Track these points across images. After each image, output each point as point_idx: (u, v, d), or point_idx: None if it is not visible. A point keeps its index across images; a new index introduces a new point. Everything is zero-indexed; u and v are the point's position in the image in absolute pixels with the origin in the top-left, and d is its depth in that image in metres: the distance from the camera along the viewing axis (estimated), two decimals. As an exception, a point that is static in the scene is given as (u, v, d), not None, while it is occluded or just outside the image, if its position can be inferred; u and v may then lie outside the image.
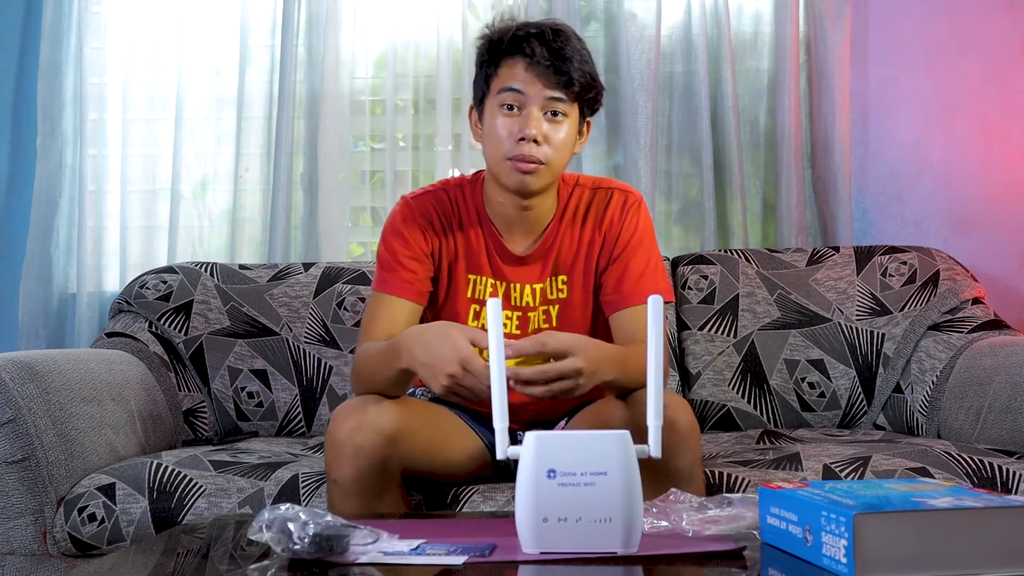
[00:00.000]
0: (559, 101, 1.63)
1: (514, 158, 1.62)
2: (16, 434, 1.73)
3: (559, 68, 1.61)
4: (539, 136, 1.62)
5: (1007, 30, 2.73)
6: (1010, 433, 1.89)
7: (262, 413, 2.33)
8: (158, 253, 2.71)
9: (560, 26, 1.66)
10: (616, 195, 1.76)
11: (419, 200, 1.75)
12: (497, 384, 1.17)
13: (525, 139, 1.61)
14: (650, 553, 1.11)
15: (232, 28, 2.73)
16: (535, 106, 1.62)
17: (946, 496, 1.07)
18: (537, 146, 1.62)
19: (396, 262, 1.70)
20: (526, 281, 1.74)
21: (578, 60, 1.63)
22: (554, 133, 1.63)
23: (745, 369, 2.33)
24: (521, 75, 1.62)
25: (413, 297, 1.70)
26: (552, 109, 1.63)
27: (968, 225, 2.72)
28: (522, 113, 1.62)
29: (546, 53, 1.61)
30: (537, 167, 1.63)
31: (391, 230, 1.74)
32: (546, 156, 1.63)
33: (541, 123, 1.62)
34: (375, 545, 1.14)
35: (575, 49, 1.64)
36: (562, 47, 1.62)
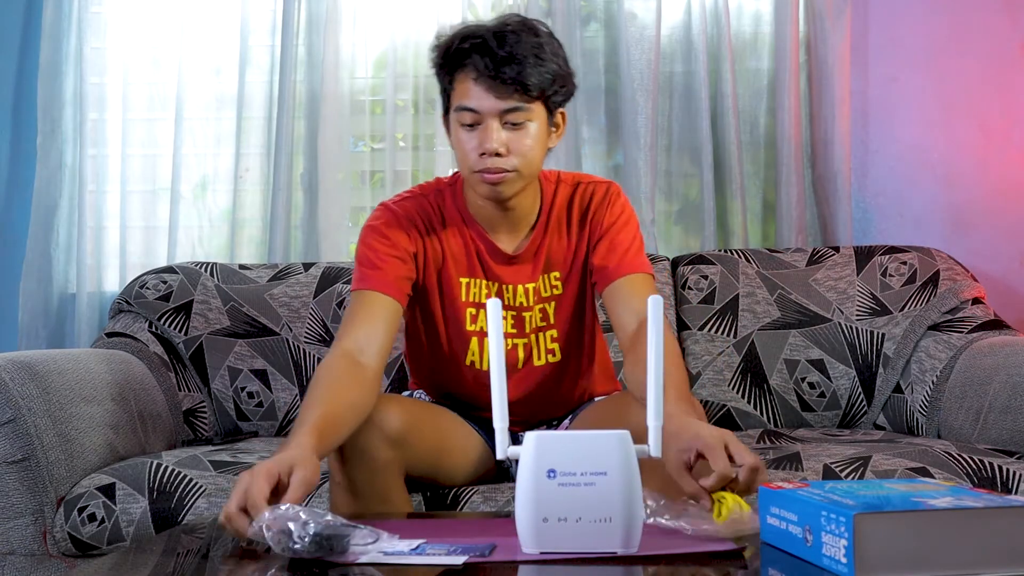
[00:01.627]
0: (516, 110, 1.56)
1: (479, 171, 1.59)
2: (16, 434, 1.73)
3: (509, 77, 1.54)
4: (500, 149, 1.56)
5: (1007, 30, 2.73)
6: (1010, 433, 1.89)
7: (262, 413, 2.33)
8: (158, 253, 2.71)
9: (507, 26, 1.58)
10: (597, 188, 1.74)
11: (400, 205, 1.70)
12: (497, 384, 1.17)
13: (486, 154, 1.57)
14: (650, 553, 1.11)
15: (232, 28, 2.73)
16: (492, 119, 1.56)
17: (946, 496, 1.07)
18: (501, 158, 1.57)
19: (378, 259, 1.64)
20: (519, 281, 1.71)
21: (533, 60, 1.55)
22: (516, 141, 1.58)
23: (745, 369, 2.33)
24: (472, 91, 1.56)
25: (394, 294, 1.62)
26: (511, 120, 1.57)
27: (968, 225, 2.72)
28: (481, 127, 1.57)
29: (491, 64, 1.54)
30: (504, 176, 1.59)
31: (372, 231, 1.67)
32: (512, 164, 1.58)
33: (500, 134, 1.56)
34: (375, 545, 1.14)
35: (527, 47, 1.55)
36: (511, 51, 1.54)
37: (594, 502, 1.10)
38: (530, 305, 1.72)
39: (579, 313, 1.75)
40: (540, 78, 1.56)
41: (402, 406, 1.57)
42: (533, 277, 1.72)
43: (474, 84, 1.56)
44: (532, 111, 1.58)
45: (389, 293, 1.62)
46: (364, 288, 1.62)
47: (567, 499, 1.11)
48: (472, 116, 1.57)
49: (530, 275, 1.72)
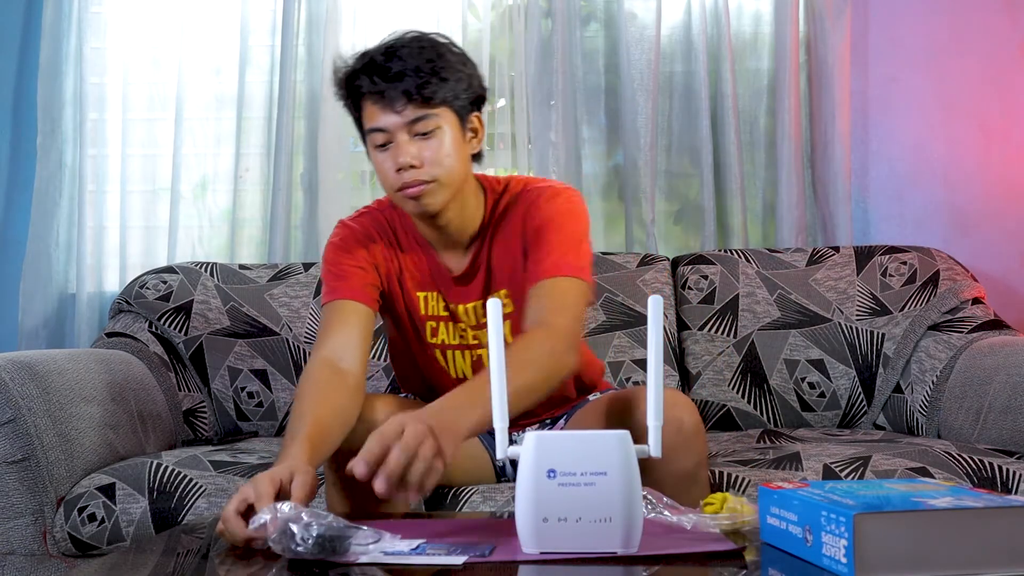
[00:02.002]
0: (420, 120, 1.55)
1: (399, 189, 1.58)
2: (16, 434, 1.73)
3: (402, 90, 1.54)
4: (413, 160, 1.55)
5: (1007, 30, 2.73)
6: (1010, 433, 1.89)
7: (262, 413, 2.33)
8: (158, 253, 2.71)
9: (400, 41, 1.58)
10: (532, 194, 1.66)
11: (357, 221, 1.72)
12: (497, 384, 1.17)
13: (402, 169, 1.56)
14: (650, 553, 1.11)
15: (232, 28, 2.73)
16: (400, 134, 1.56)
17: (946, 496, 1.07)
18: (416, 169, 1.56)
19: (342, 271, 1.65)
20: (467, 300, 1.69)
21: (427, 69, 1.54)
22: (428, 151, 1.56)
23: (745, 369, 2.33)
24: (374, 112, 1.57)
25: (363, 300, 1.63)
26: (418, 131, 1.56)
27: (968, 225, 2.72)
28: (392, 145, 1.57)
29: (382, 82, 1.54)
30: (424, 187, 1.57)
31: (332, 248, 1.69)
32: (430, 175, 1.56)
33: (411, 147, 1.55)
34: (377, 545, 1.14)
35: (417, 60, 1.55)
36: (401, 67, 1.54)
37: (594, 502, 1.10)
38: (479, 324, 1.69)
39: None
40: (435, 85, 1.55)
41: (393, 404, 1.57)
42: (480, 295, 1.69)
43: (373, 105, 1.57)
44: (439, 118, 1.57)
45: (358, 299, 1.63)
46: (334, 299, 1.64)
47: (567, 499, 1.10)
48: (382, 136, 1.57)
49: (478, 294, 1.69)
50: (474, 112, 1.64)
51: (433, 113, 1.56)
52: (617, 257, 2.47)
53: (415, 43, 1.58)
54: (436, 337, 1.72)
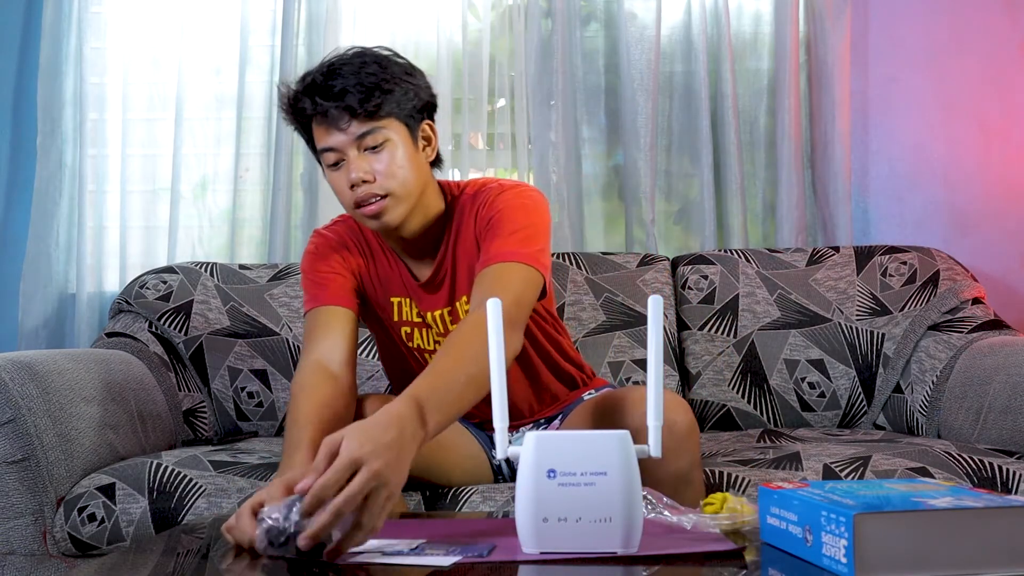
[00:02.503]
0: (367, 135, 1.56)
1: (357, 205, 1.58)
2: (16, 434, 1.73)
3: (344, 107, 1.54)
4: (365, 176, 1.56)
5: (1007, 30, 2.73)
6: (1010, 433, 1.89)
7: (262, 413, 2.33)
8: (158, 253, 2.71)
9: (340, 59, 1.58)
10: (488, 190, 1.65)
11: (331, 230, 1.74)
12: (497, 384, 1.17)
13: (355, 185, 1.56)
14: (650, 553, 1.11)
15: (232, 28, 2.73)
16: (349, 150, 1.56)
17: (946, 496, 1.07)
18: (369, 184, 1.56)
19: (319, 278, 1.67)
20: (435, 308, 1.70)
21: (368, 83, 1.54)
22: (379, 164, 1.56)
23: (745, 369, 2.33)
24: (321, 133, 1.58)
25: (344, 304, 1.65)
26: (367, 146, 1.56)
27: (968, 225, 2.72)
28: (344, 163, 1.57)
29: (324, 102, 1.55)
30: (382, 204, 1.57)
31: (309, 257, 1.71)
32: (383, 188, 1.57)
33: (362, 163, 1.56)
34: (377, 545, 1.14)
35: (357, 76, 1.55)
36: (342, 85, 1.54)
37: (594, 502, 1.10)
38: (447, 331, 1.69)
39: None
40: (378, 98, 1.55)
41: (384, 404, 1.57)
42: (448, 303, 1.69)
43: (319, 125, 1.58)
44: (386, 131, 1.57)
45: (340, 304, 1.65)
46: (316, 306, 1.66)
47: (567, 499, 1.11)
48: (333, 155, 1.58)
49: (444, 302, 1.69)
50: (424, 120, 1.64)
51: (379, 126, 1.56)
52: (617, 257, 2.47)
53: (356, 59, 1.58)
54: (412, 342, 1.73)
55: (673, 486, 1.45)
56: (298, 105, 1.59)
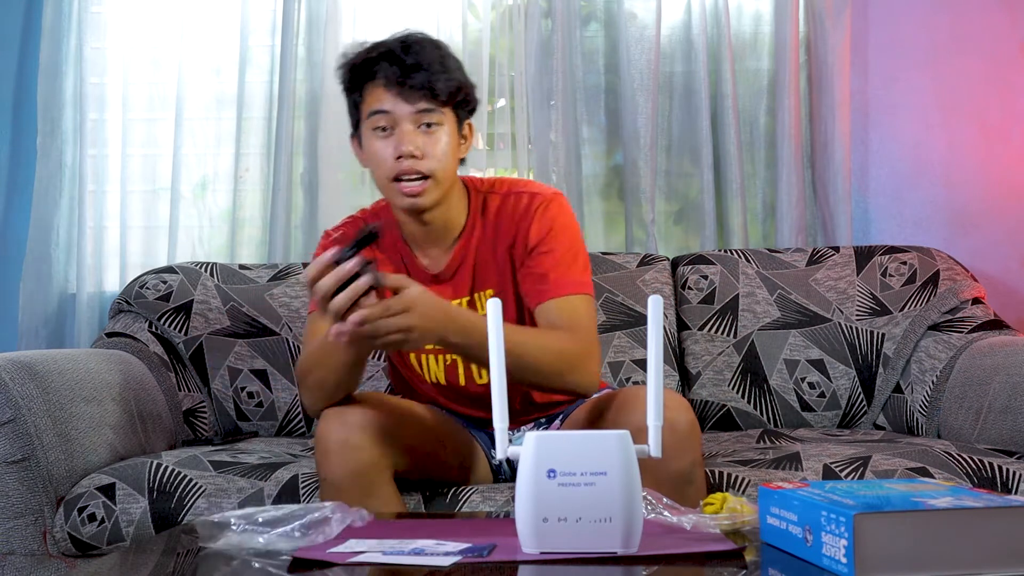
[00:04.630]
0: (428, 112, 1.61)
1: (398, 177, 1.61)
2: (16, 434, 1.73)
3: (418, 81, 1.60)
4: (416, 151, 1.60)
5: (1007, 30, 2.73)
6: (1010, 433, 1.89)
7: (262, 413, 2.33)
8: (158, 253, 2.71)
9: (412, 38, 1.64)
10: (524, 198, 1.70)
11: (339, 231, 1.76)
12: (497, 384, 1.17)
13: (403, 156, 1.60)
14: (650, 553, 1.11)
15: (232, 28, 2.73)
16: (405, 122, 1.61)
17: (946, 496, 1.07)
18: (417, 160, 1.60)
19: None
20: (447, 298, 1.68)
21: (438, 67, 1.61)
22: (431, 145, 1.62)
23: (745, 369, 2.33)
24: (384, 96, 1.61)
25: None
26: (424, 121, 1.62)
27: (968, 225, 2.72)
28: (395, 132, 1.61)
29: (398, 71, 1.60)
30: (423, 184, 1.61)
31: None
32: (428, 168, 1.61)
33: (416, 137, 1.61)
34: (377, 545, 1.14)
35: (432, 57, 1.62)
36: (416, 60, 1.60)
37: (594, 502, 1.10)
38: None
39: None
40: (447, 84, 1.62)
41: (387, 403, 1.58)
42: (459, 294, 1.71)
43: (385, 90, 1.62)
44: (443, 116, 1.64)
45: None
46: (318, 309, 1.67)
47: (567, 499, 1.11)
48: (385, 119, 1.62)
49: (453, 293, 1.70)
50: (468, 119, 1.70)
51: (440, 110, 1.63)
52: (617, 257, 2.47)
53: (428, 42, 1.65)
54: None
55: (675, 485, 1.45)
56: (371, 68, 1.62)
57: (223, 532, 1.20)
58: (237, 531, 1.19)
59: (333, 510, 1.21)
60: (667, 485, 1.39)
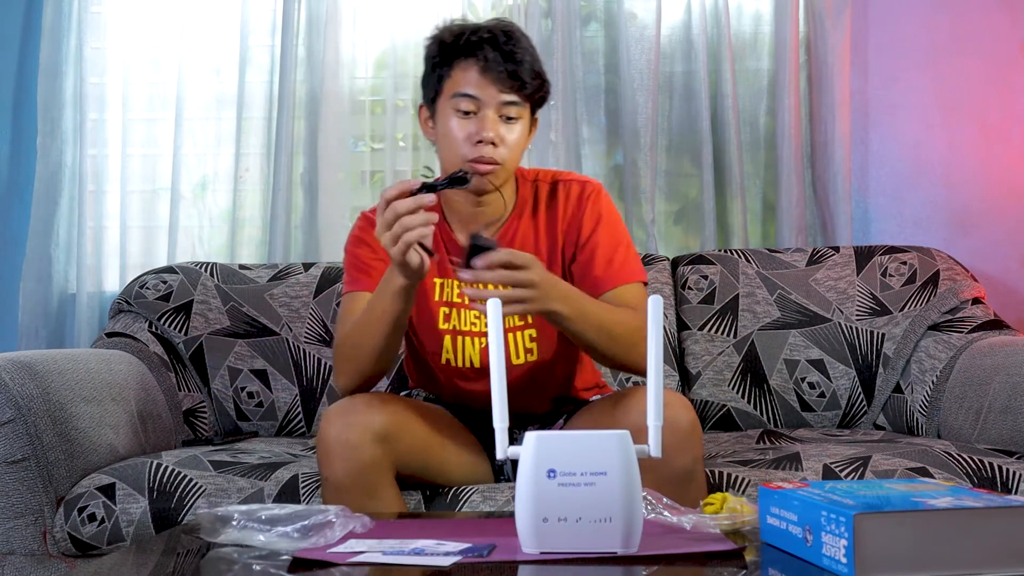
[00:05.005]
0: (513, 105, 1.65)
1: (472, 160, 1.64)
2: (16, 434, 1.73)
3: (512, 72, 1.63)
4: (496, 139, 1.63)
5: (1007, 30, 2.73)
6: (1010, 433, 1.89)
7: (262, 413, 2.33)
8: (158, 253, 2.71)
9: (511, 28, 1.68)
10: (574, 187, 1.76)
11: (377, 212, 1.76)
12: (497, 384, 1.17)
13: (483, 142, 1.63)
14: (650, 553, 1.11)
15: (232, 28, 2.73)
16: (490, 109, 1.64)
17: (946, 496, 1.07)
18: (494, 148, 1.64)
19: (365, 265, 1.72)
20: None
21: (529, 61, 1.65)
22: (509, 135, 1.65)
23: (745, 369, 2.33)
24: (476, 80, 1.64)
25: None
26: (507, 113, 1.65)
27: (968, 225, 2.72)
28: (478, 116, 1.64)
29: (500, 58, 1.63)
30: (493, 168, 1.65)
31: (354, 241, 1.76)
32: (502, 157, 1.65)
33: (497, 126, 1.64)
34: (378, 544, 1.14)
35: (526, 50, 1.66)
36: (513, 50, 1.64)
37: (594, 502, 1.10)
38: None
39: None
40: (535, 81, 1.67)
41: (389, 403, 1.58)
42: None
43: (479, 74, 1.64)
44: (523, 110, 1.68)
45: None
46: (356, 290, 1.72)
47: (567, 499, 1.11)
48: (471, 104, 1.64)
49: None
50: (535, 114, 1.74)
51: (523, 104, 1.67)
52: (617, 257, 2.46)
53: (524, 35, 1.69)
54: (448, 323, 1.74)
55: (676, 484, 1.45)
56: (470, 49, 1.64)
57: (224, 527, 1.20)
58: (238, 527, 1.19)
59: (336, 514, 1.20)
60: (669, 483, 1.39)
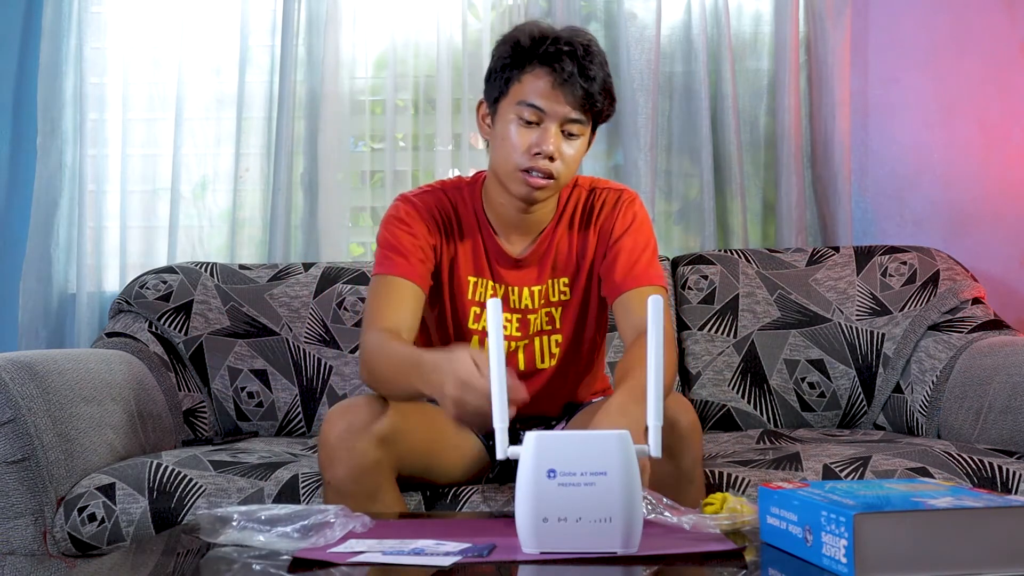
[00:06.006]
0: (577, 122, 1.62)
1: (527, 170, 1.61)
2: (16, 434, 1.73)
3: (585, 89, 1.60)
4: (555, 153, 1.61)
5: (1007, 30, 2.73)
6: (1010, 433, 1.89)
7: (262, 413, 2.33)
8: (158, 253, 2.71)
9: (590, 42, 1.64)
10: (610, 195, 1.76)
11: (421, 198, 1.73)
12: (497, 384, 1.17)
13: (541, 154, 1.60)
14: (650, 553, 1.11)
15: (232, 28, 2.73)
16: (554, 123, 1.61)
17: (946, 496, 1.07)
18: (551, 162, 1.61)
19: (401, 246, 1.67)
20: (523, 284, 1.74)
21: (600, 79, 1.62)
22: (568, 150, 1.63)
23: (745, 369, 2.33)
24: (546, 91, 1.60)
25: (418, 282, 1.66)
26: (570, 130, 1.62)
27: (968, 225, 2.72)
28: (540, 127, 1.61)
29: (576, 73, 1.59)
30: (547, 183, 1.62)
31: (395, 219, 1.70)
32: (558, 171, 1.62)
33: (559, 140, 1.61)
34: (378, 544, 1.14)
35: (599, 67, 1.62)
36: (589, 66, 1.60)
37: (594, 502, 1.10)
38: (535, 308, 1.74)
39: (584, 319, 1.76)
40: (604, 98, 1.63)
41: (390, 405, 1.58)
42: (539, 280, 1.74)
43: (550, 87, 1.60)
44: (586, 128, 1.65)
45: (415, 280, 1.66)
46: (392, 273, 1.66)
47: (567, 499, 1.11)
48: (536, 114, 1.61)
49: (536, 278, 1.74)
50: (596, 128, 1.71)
51: (587, 122, 1.64)
52: (617, 257, 2.46)
53: (600, 51, 1.64)
54: (478, 323, 1.74)
55: (676, 484, 1.45)
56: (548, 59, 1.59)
57: (224, 527, 1.20)
58: (237, 527, 1.19)
59: (336, 514, 1.20)
60: (668, 484, 1.39)
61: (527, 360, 1.75)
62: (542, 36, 1.62)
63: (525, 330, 1.74)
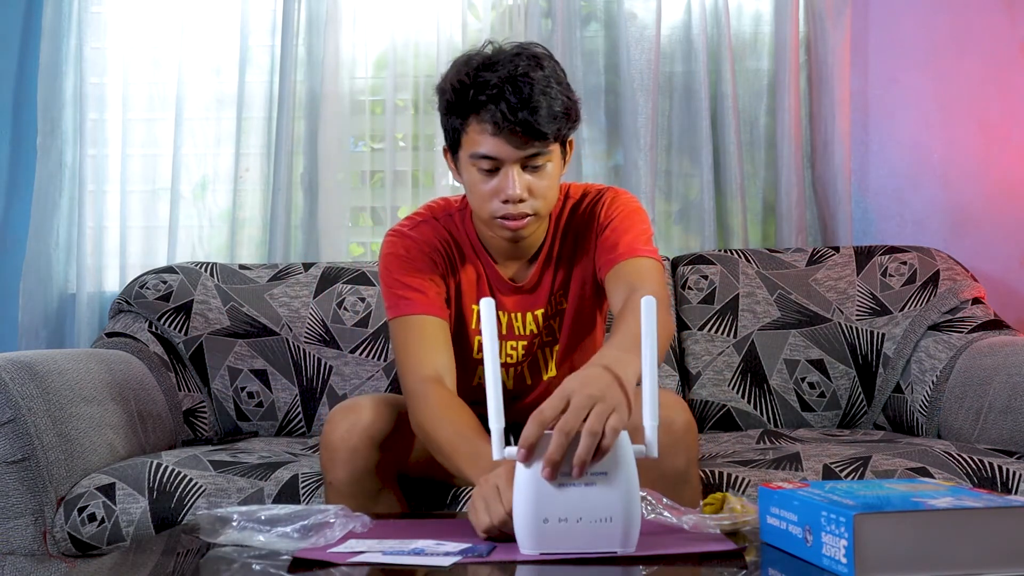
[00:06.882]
0: (537, 155, 1.53)
1: (500, 217, 1.55)
2: (16, 434, 1.73)
3: (527, 125, 1.48)
4: (523, 195, 1.53)
5: (1007, 30, 2.73)
6: (1010, 433, 1.89)
7: (262, 413, 2.33)
8: (158, 253, 2.71)
9: (526, 70, 1.50)
10: (593, 195, 1.70)
11: (417, 231, 1.67)
12: (492, 385, 1.17)
13: (509, 201, 1.53)
14: (650, 553, 1.11)
15: (232, 28, 2.73)
16: (512, 166, 1.52)
17: (946, 496, 1.07)
18: (522, 202, 1.54)
19: (417, 284, 1.61)
20: (527, 309, 1.70)
21: (546, 105, 1.49)
22: (537, 182, 1.55)
23: (745, 369, 2.33)
24: (490, 141, 1.51)
25: (441, 315, 1.61)
26: (532, 164, 1.53)
27: (968, 225, 2.72)
28: (500, 172, 1.53)
29: (510, 116, 1.48)
30: (525, 223, 1.56)
31: (398, 260, 1.63)
32: (534, 208, 1.55)
33: (522, 179, 1.53)
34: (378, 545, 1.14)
35: (542, 91, 1.49)
36: (528, 97, 1.48)
37: (594, 502, 1.10)
38: (539, 331, 1.72)
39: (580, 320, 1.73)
40: (556, 122, 1.51)
41: (393, 406, 1.57)
42: (541, 304, 1.71)
43: (492, 135, 1.51)
44: (550, 152, 1.55)
45: (438, 315, 1.61)
46: (414, 312, 1.60)
47: (567, 499, 1.11)
48: (490, 163, 1.53)
49: (536, 302, 1.70)
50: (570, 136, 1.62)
51: (549, 149, 1.54)
52: (617, 257, 2.46)
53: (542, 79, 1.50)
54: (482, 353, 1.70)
55: (671, 485, 1.45)
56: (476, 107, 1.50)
57: (224, 527, 1.20)
58: (237, 527, 1.19)
59: (336, 514, 1.20)
60: (663, 484, 1.38)
61: (531, 374, 1.75)
62: (471, 81, 1.51)
63: (530, 351, 1.73)
